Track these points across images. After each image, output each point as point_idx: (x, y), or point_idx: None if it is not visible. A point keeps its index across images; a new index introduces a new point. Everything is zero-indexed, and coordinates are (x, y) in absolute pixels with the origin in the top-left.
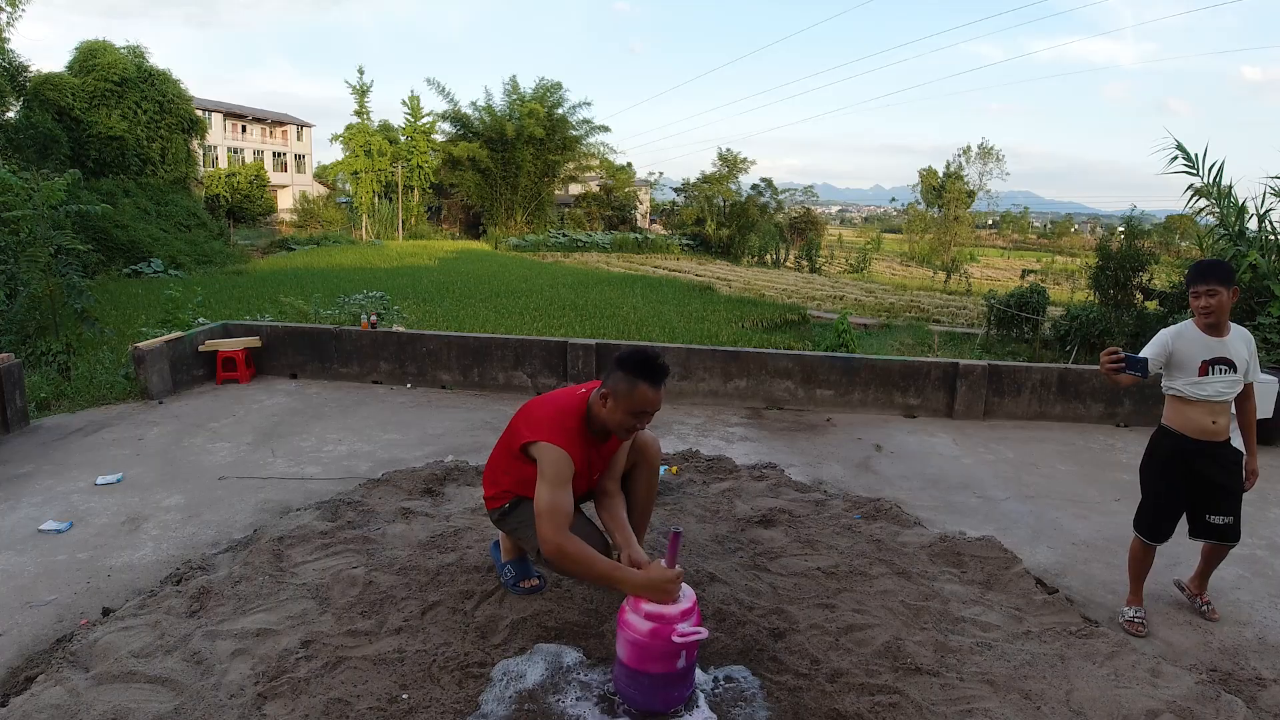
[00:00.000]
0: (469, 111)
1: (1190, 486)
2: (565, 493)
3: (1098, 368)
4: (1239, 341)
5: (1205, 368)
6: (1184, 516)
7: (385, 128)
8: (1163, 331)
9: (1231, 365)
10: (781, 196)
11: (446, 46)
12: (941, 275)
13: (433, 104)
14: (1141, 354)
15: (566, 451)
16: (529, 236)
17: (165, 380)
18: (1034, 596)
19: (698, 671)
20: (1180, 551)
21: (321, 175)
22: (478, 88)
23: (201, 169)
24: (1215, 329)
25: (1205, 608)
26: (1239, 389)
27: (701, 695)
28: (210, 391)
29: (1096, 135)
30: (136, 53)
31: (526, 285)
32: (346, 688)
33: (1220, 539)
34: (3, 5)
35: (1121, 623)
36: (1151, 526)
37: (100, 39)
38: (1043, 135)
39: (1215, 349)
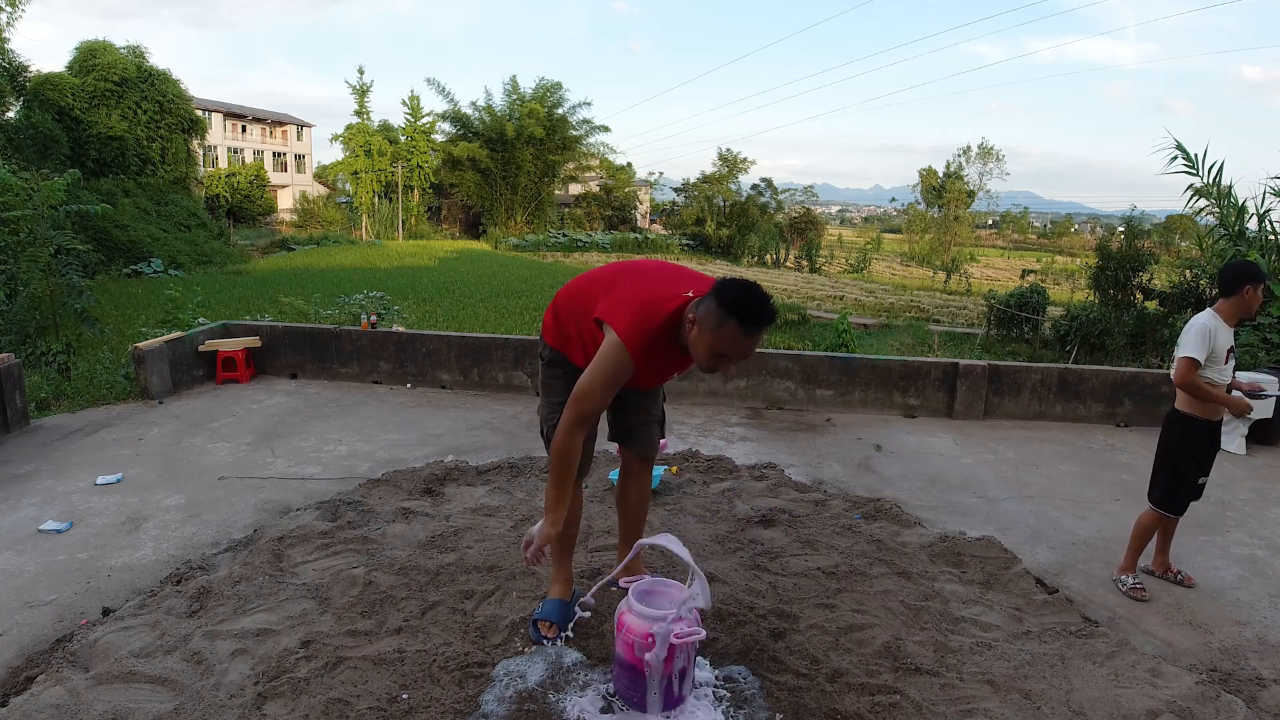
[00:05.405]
0: (469, 111)
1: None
2: (606, 394)
3: (1098, 368)
4: None
5: (1227, 355)
6: None
7: (385, 128)
8: (1199, 324)
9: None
10: (781, 196)
11: (447, 46)
12: (941, 275)
13: (433, 104)
14: (1187, 353)
15: (631, 357)
16: (529, 236)
17: (165, 380)
18: (1034, 596)
19: (698, 671)
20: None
21: (321, 175)
22: (478, 88)
23: (201, 169)
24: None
25: (1179, 577)
26: None
27: (701, 695)
28: (210, 391)
29: (1096, 135)
30: (136, 53)
31: (526, 285)
32: (346, 688)
33: (1197, 498)
34: (3, 5)
35: (1124, 590)
36: (1181, 503)
37: (100, 39)
38: (1043, 135)
39: (1231, 338)
